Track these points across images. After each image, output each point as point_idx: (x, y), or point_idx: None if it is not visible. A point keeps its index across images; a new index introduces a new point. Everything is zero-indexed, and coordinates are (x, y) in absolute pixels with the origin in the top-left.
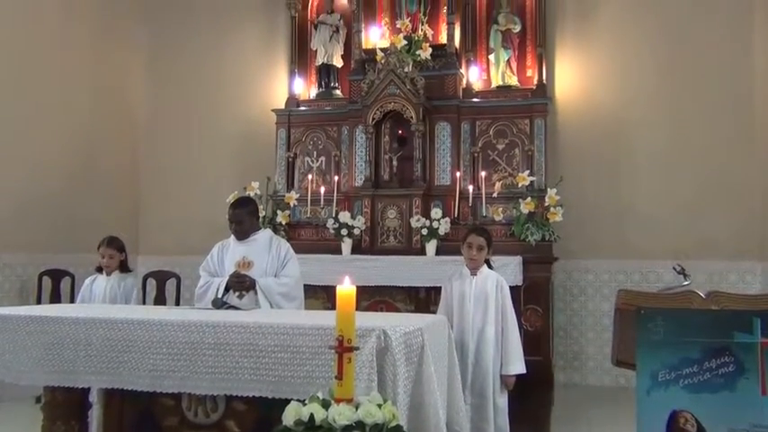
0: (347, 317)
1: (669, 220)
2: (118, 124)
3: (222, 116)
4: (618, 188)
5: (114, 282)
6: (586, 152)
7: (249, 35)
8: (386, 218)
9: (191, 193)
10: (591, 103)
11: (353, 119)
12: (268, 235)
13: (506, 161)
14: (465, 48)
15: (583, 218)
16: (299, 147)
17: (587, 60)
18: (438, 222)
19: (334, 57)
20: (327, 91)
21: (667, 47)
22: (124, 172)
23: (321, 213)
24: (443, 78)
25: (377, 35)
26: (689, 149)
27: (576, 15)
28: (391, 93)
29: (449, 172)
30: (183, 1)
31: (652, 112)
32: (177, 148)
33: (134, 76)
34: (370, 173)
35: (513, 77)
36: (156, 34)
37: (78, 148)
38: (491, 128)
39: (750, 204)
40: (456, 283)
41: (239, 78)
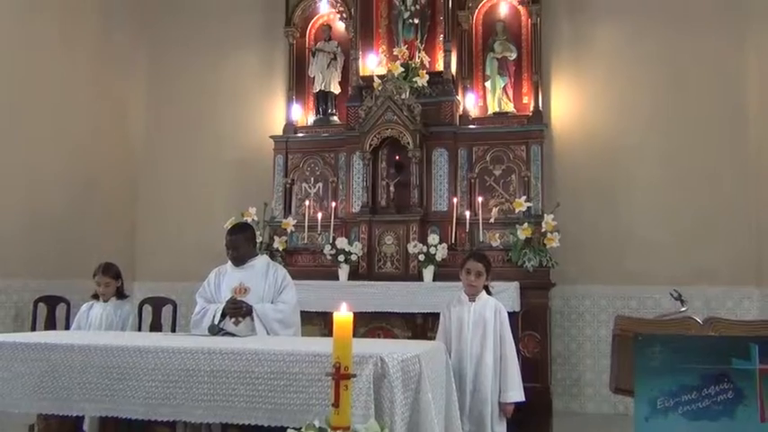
0: (344, 343)
1: (666, 245)
2: (115, 149)
3: (220, 142)
4: (615, 214)
5: (111, 308)
6: (583, 178)
7: (247, 62)
8: (383, 244)
9: (188, 218)
10: (587, 130)
11: (351, 145)
12: (265, 261)
13: (503, 187)
14: (461, 75)
15: (580, 244)
16: (297, 173)
17: (583, 87)
18: (435, 248)
19: (332, 84)
20: (325, 117)
21: (662, 75)
22: (121, 197)
23: (318, 239)
24: (440, 105)
25: (374, 62)
26: (685, 176)
27: (571, 43)
28: (388, 119)
29: (446, 198)
30: (182, 27)
31: (647, 139)
32: (175, 174)
33: (133, 101)
34: (368, 199)
35: (509, 104)
36: (154, 59)
37: (75, 173)
38: (488, 154)
39: (746, 230)
40: (454, 310)
41: (237, 105)
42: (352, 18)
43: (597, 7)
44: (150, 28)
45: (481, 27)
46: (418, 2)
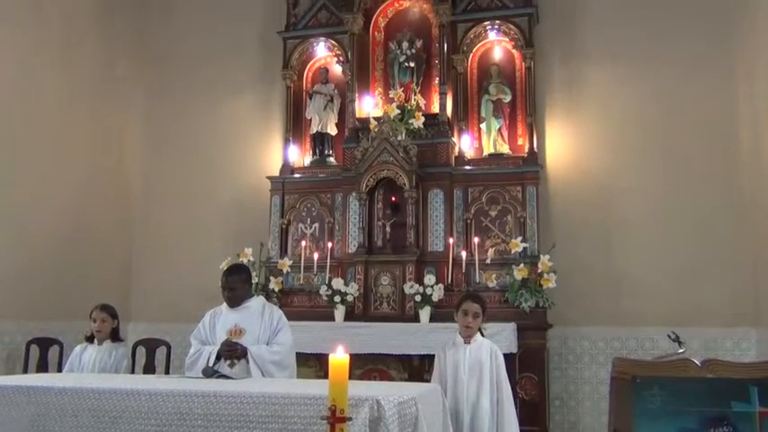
0: (340, 386)
1: (663, 286)
2: (112, 189)
3: (217, 183)
4: (611, 255)
5: (105, 351)
6: (578, 219)
7: (245, 104)
8: (379, 284)
9: (183, 258)
10: (581, 171)
11: (347, 186)
12: (261, 302)
13: (499, 227)
14: (457, 117)
15: (577, 284)
16: (293, 213)
17: (577, 129)
18: (431, 289)
19: (329, 125)
20: (321, 158)
21: (654, 116)
22: (116, 237)
23: (314, 280)
24: (436, 146)
25: (370, 104)
26: (679, 217)
27: (564, 85)
28: (384, 160)
29: (442, 238)
30: (181, 70)
31: (642, 179)
32: (171, 214)
33: (130, 141)
34: (364, 239)
35: (504, 145)
36: (153, 100)
37: (71, 213)
38: (483, 195)
39: (742, 270)
40: (449, 352)
41: (234, 146)
42: (349, 61)
43: (589, 51)
44: (149, 69)
45: (476, 70)
46: (414, 46)
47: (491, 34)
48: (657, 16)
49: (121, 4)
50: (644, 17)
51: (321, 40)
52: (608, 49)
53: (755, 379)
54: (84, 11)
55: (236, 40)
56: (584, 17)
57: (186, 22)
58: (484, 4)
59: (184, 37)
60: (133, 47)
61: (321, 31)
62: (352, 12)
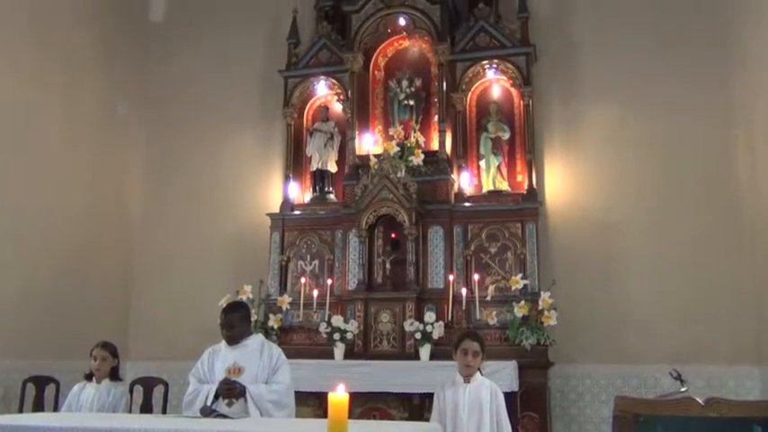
0: (340, 425)
1: (664, 323)
2: (111, 228)
3: (217, 220)
4: (611, 292)
5: (104, 390)
6: (578, 256)
7: (246, 141)
8: (379, 321)
9: (182, 296)
10: (580, 208)
11: (347, 223)
12: (259, 340)
13: (499, 264)
14: (456, 154)
15: (577, 322)
16: (293, 250)
17: (576, 166)
18: (432, 326)
19: (329, 162)
20: (321, 195)
21: (653, 154)
22: (115, 275)
23: (314, 317)
24: (435, 183)
25: (370, 142)
26: (679, 253)
27: (562, 123)
28: (384, 197)
29: (442, 275)
30: (182, 107)
31: (641, 217)
32: (170, 252)
33: (130, 179)
34: (364, 276)
35: (503, 182)
36: (154, 137)
37: (69, 250)
38: (483, 231)
39: (744, 308)
40: (449, 392)
41: (235, 182)
42: (349, 99)
43: (587, 90)
44: (150, 108)
45: (475, 108)
46: (413, 84)
47: (489, 73)
48: (654, 57)
49: (124, 44)
50: (641, 58)
51: (321, 79)
52: (605, 88)
53: (759, 418)
54: (86, 51)
55: (237, 79)
56: (582, 57)
57: (188, 61)
58: (482, 44)
59: (186, 75)
60: (135, 86)
61: (322, 69)
62: (353, 51)
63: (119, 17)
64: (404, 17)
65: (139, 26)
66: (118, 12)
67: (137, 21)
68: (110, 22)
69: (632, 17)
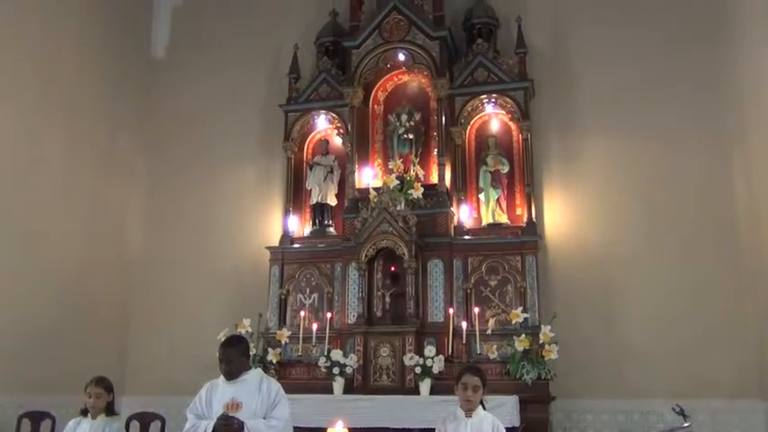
0: None
1: (666, 358)
2: (110, 260)
3: (216, 253)
4: (612, 325)
5: (99, 426)
6: (578, 289)
7: (246, 175)
8: (379, 356)
9: (181, 330)
10: (580, 241)
11: (347, 256)
12: (258, 375)
13: (499, 297)
14: (456, 187)
15: (579, 356)
16: (292, 284)
17: (574, 199)
18: (432, 360)
19: (329, 196)
20: (321, 229)
21: (651, 187)
22: (113, 308)
23: (313, 351)
24: (435, 216)
25: (370, 175)
26: (680, 287)
27: (561, 157)
28: (384, 230)
29: (442, 309)
30: (183, 141)
31: (640, 250)
32: (169, 283)
33: (130, 212)
34: (363, 310)
35: (503, 215)
36: (154, 172)
37: (66, 283)
38: (483, 264)
39: (747, 341)
40: (450, 426)
41: (235, 216)
42: (349, 133)
43: (585, 124)
44: (152, 141)
45: (474, 142)
46: (413, 118)
47: (488, 107)
48: (651, 91)
49: (126, 80)
50: (637, 92)
51: (322, 113)
52: (603, 121)
53: None
54: (89, 89)
55: (238, 114)
56: (579, 91)
57: (189, 96)
58: (481, 78)
59: (187, 110)
60: (136, 121)
61: (322, 104)
62: (353, 86)
63: (121, 55)
64: (403, 53)
65: (142, 63)
66: (120, 49)
67: (139, 58)
68: (112, 59)
69: (628, 52)
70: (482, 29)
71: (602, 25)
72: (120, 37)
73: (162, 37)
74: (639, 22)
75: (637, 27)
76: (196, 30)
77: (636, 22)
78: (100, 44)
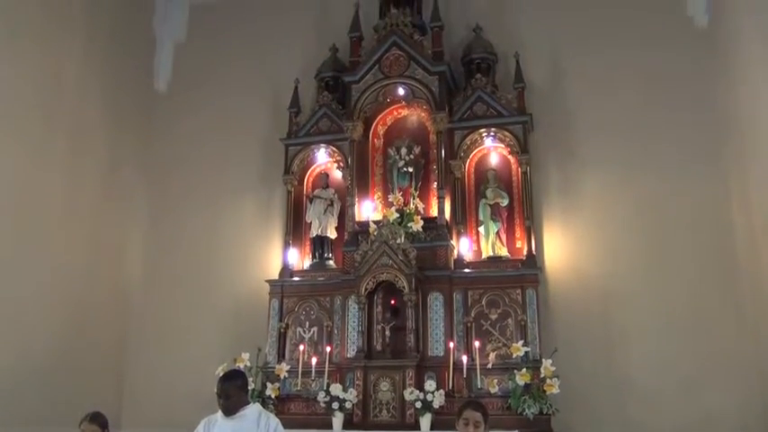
0: None
1: (667, 393)
2: (109, 293)
3: (215, 286)
4: (613, 359)
5: None
6: (579, 323)
7: (246, 208)
8: (378, 390)
9: (179, 364)
10: (580, 274)
11: (346, 289)
12: (257, 410)
13: (500, 331)
14: (455, 220)
15: (580, 390)
16: (292, 317)
17: (574, 232)
18: (432, 395)
19: (329, 229)
20: (321, 262)
21: (650, 220)
22: (111, 341)
23: (312, 386)
24: (435, 249)
25: (370, 208)
26: (680, 322)
27: (560, 190)
28: (384, 263)
29: (442, 342)
30: (184, 174)
31: (640, 283)
32: (168, 317)
33: (130, 245)
34: (363, 343)
35: (503, 249)
36: (154, 205)
37: (65, 316)
38: (483, 298)
39: (749, 376)
40: None
41: (234, 249)
42: (349, 167)
43: (583, 157)
44: (152, 174)
45: (473, 175)
46: (412, 152)
47: (487, 141)
48: (648, 123)
49: (128, 114)
50: (635, 124)
51: (322, 147)
52: (601, 154)
53: None
54: (90, 122)
55: (238, 147)
56: (577, 125)
57: (190, 129)
58: (480, 112)
59: (188, 143)
60: (137, 154)
61: (322, 138)
62: (353, 120)
63: (124, 87)
64: (403, 87)
65: (144, 96)
66: (123, 82)
67: (141, 90)
68: (115, 91)
69: (624, 85)
70: (481, 64)
71: (599, 59)
72: (124, 69)
73: (165, 71)
74: (636, 55)
75: (633, 60)
76: (198, 64)
77: (632, 55)
78: (103, 76)
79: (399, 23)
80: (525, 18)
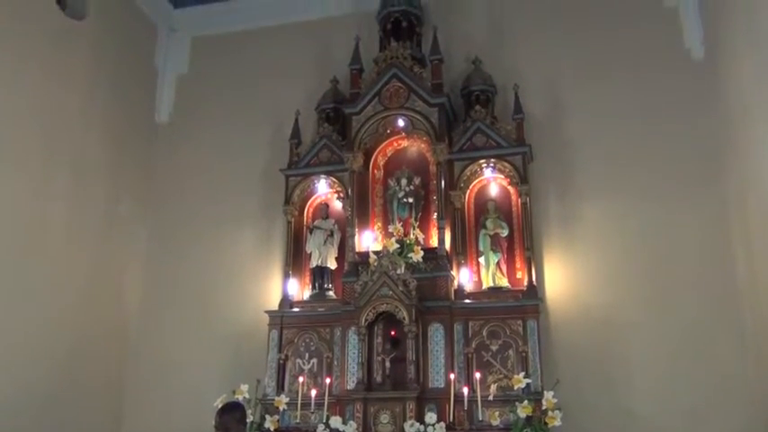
0: None
1: (670, 424)
2: (107, 325)
3: (215, 317)
4: (615, 391)
5: None
6: (580, 354)
7: (246, 238)
8: (378, 423)
9: (177, 394)
10: (581, 306)
11: (346, 320)
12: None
13: (501, 362)
14: (455, 251)
15: (582, 422)
16: (291, 348)
17: (575, 262)
18: (433, 428)
19: (329, 259)
20: (321, 292)
21: (651, 250)
22: (108, 374)
23: (311, 418)
24: (435, 280)
25: (370, 239)
26: (681, 351)
27: (560, 220)
28: (384, 294)
29: (443, 374)
30: (184, 204)
31: (640, 313)
32: (168, 347)
33: (129, 276)
34: (363, 375)
35: (503, 279)
36: (154, 236)
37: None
38: (484, 329)
39: (752, 407)
40: None
41: (234, 279)
42: (349, 197)
43: (583, 187)
44: (153, 205)
45: (473, 205)
46: (412, 182)
47: (487, 171)
48: (648, 153)
49: (129, 144)
50: (634, 155)
51: (322, 177)
52: (601, 185)
53: None
54: (92, 152)
55: (239, 178)
56: (577, 155)
57: (191, 160)
58: (479, 144)
59: (189, 174)
60: (138, 185)
61: (322, 169)
62: (353, 151)
63: (125, 118)
64: (402, 119)
65: (145, 127)
66: (125, 113)
67: (143, 122)
68: (116, 123)
69: (623, 116)
70: (480, 96)
71: (597, 90)
72: (126, 100)
73: (166, 102)
74: (634, 86)
75: (631, 91)
76: (200, 96)
77: (630, 87)
78: (105, 107)
79: (399, 56)
80: (524, 51)
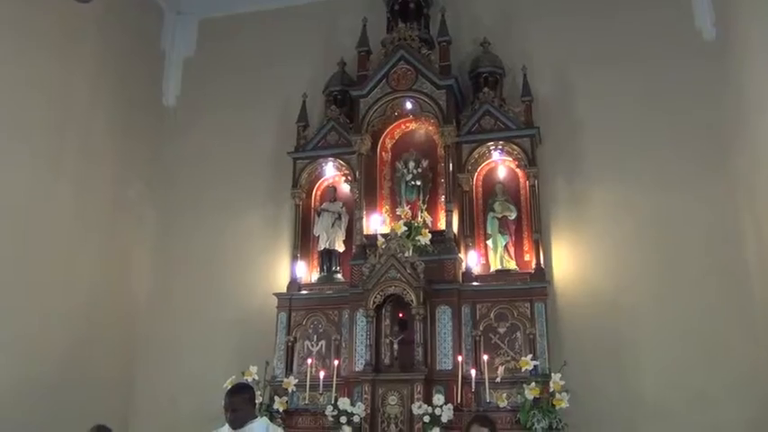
0: None
1: (678, 408)
2: (116, 305)
3: (223, 300)
4: (623, 374)
5: None
6: (588, 336)
7: (254, 222)
8: (386, 404)
9: (187, 376)
10: (589, 287)
11: (354, 302)
12: (264, 424)
13: (508, 345)
14: (463, 233)
15: (590, 405)
16: (300, 330)
17: (583, 245)
18: (440, 409)
19: (336, 242)
20: (329, 275)
21: (659, 234)
22: (117, 357)
23: (320, 399)
24: (443, 263)
25: (378, 222)
26: (691, 335)
27: (568, 203)
28: (392, 277)
29: (450, 356)
30: (192, 188)
31: (649, 297)
32: (176, 329)
33: (138, 258)
34: (371, 357)
35: (511, 262)
36: (162, 219)
37: (71, 333)
38: (491, 311)
39: (760, 391)
40: None
41: (242, 262)
42: (357, 180)
43: (591, 169)
44: (161, 189)
45: (481, 188)
46: (420, 165)
47: (495, 154)
48: (656, 135)
49: (137, 127)
50: (643, 137)
51: (330, 160)
52: (609, 167)
53: None
54: (100, 135)
55: (246, 161)
56: (585, 137)
57: (198, 143)
58: (487, 126)
59: (196, 157)
60: (146, 168)
61: (330, 152)
62: (360, 134)
63: (133, 101)
64: (410, 101)
65: (152, 110)
66: (132, 96)
67: (150, 105)
68: (124, 105)
69: (632, 98)
70: (488, 78)
71: (607, 72)
72: (133, 83)
73: (173, 85)
74: (643, 68)
75: (641, 73)
76: (207, 79)
77: (640, 68)
78: (113, 89)
79: (407, 38)
80: (533, 32)
